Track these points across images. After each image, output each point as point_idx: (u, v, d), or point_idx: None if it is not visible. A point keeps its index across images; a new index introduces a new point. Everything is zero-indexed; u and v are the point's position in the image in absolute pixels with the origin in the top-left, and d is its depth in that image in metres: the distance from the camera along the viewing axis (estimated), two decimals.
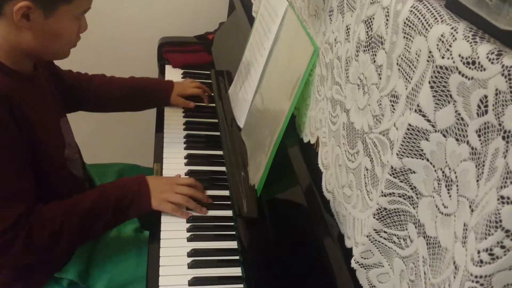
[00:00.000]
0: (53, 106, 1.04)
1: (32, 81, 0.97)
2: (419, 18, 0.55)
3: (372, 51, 0.66)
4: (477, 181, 0.45)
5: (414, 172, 0.55)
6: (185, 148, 1.25)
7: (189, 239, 1.00)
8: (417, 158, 0.55)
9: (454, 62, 0.48)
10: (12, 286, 1.01)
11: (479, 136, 0.46)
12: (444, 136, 0.51)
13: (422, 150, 0.54)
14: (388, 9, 0.62)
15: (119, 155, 1.40)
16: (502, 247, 0.40)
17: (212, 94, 1.46)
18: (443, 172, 0.51)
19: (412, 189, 0.56)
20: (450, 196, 0.50)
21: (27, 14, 0.86)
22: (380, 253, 0.63)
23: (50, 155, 0.97)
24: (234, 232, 1.03)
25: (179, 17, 1.79)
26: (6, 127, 0.86)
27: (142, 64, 1.81)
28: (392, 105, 0.61)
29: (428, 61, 0.53)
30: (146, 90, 1.36)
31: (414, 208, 0.57)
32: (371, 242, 0.63)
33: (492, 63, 0.44)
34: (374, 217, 0.61)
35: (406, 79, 0.58)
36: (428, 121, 0.52)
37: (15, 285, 1.01)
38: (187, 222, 1.03)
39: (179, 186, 1.06)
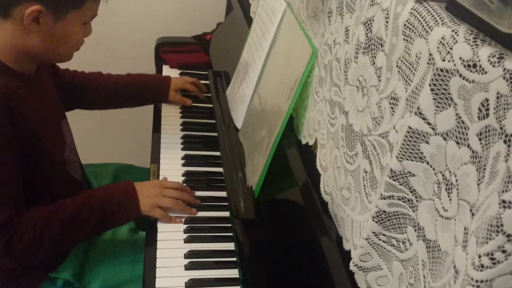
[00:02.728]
0: (54, 107, 1.04)
1: (34, 82, 0.97)
2: (419, 21, 0.55)
3: (372, 53, 0.66)
4: (478, 184, 0.45)
5: (414, 175, 0.55)
6: (182, 149, 1.25)
7: (186, 241, 0.99)
8: (417, 161, 0.54)
9: (455, 65, 0.48)
10: (7, 286, 1.00)
11: (480, 139, 0.46)
12: (445, 139, 0.51)
13: (422, 153, 0.54)
14: (388, 11, 0.62)
15: (115, 155, 1.39)
16: (503, 251, 0.40)
17: (209, 95, 1.46)
18: (443, 175, 0.51)
19: (411, 192, 0.56)
20: (450, 199, 0.50)
21: (37, 18, 0.86)
22: (379, 256, 0.63)
23: (50, 156, 0.97)
24: (231, 234, 1.02)
25: (177, 17, 1.79)
26: (5, 130, 0.85)
27: (139, 64, 1.80)
28: (392, 108, 0.60)
29: (428, 63, 0.53)
30: (144, 86, 1.35)
31: (413, 211, 0.57)
32: (370, 245, 0.62)
33: (493, 66, 0.43)
34: (373, 220, 0.60)
35: (406, 81, 0.57)
36: (429, 124, 0.52)
37: (10, 285, 1.00)
38: (184, 224, 1.03)
39: (167, 190, 1.04)
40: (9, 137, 0.87)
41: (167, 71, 1.57)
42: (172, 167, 1.18)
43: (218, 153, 1.24)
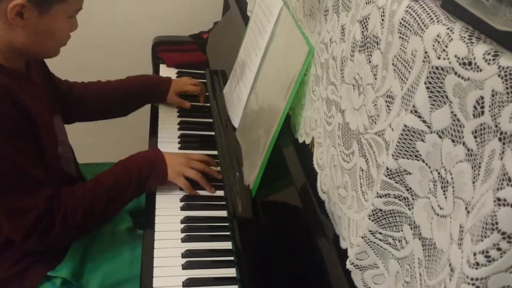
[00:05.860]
0: (46, 103, 1.04)
1: (25, 78, 0.97)
2: (414, 18, 0.55)
3: (368, 51, 0.66)
4: (473, 182, 0.45)
5: (410, 173, 0.55)
6: (180, 148, 1.24)
7: (183, 240, 0.99)
8: (412, 159, 0.54)
9: (450, 62, 0.48)
10: (6, 284, 1.00)
11: (475, 137, 0.45)
12: (440, 137, 0.51)
13: (417, 151, 0.54)
14: (383, 9, 0.62)
15: (113, 154, 1.38)
16: (498, 249, 0.40)
17: (207, 94, 1.46)
18: (438, 173, 0.51)
19: (407, 190, 0.56)
20: (446, 197, 0.50)
21: (21, 13, 0.86)
22: (375, 254, 0.63)
23: (43, 150, 0.97)
24: (228, 233, 1.02)
25: (174, 16, 1.78)
26: (15, 118, 0.88)
27: (136, 64, 1.79)
28: (388, 106, 0.60)
29: (424, 61, 0.53)
30: (143, 86, 1.35)
31: (409, 209, 0.57)
32: (366, 243, 0.62)
33: (488, 63, 0.43)
34: (369, 218, 0.60)
35: (402, 79, 0.57)
36: (424, 122, 0.52)
37: (10, 283, 1.00)
38: (182, 223, 1.03)
39: (194, 161, 1.10)
40: (20, 124, 0.89)
41: (164, 70, 1.57)
42: None
43: (215, 152, 1.24)
